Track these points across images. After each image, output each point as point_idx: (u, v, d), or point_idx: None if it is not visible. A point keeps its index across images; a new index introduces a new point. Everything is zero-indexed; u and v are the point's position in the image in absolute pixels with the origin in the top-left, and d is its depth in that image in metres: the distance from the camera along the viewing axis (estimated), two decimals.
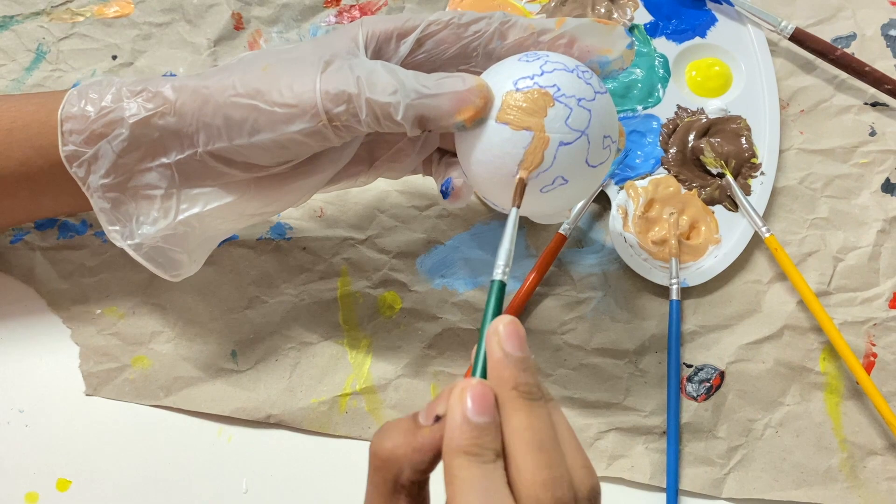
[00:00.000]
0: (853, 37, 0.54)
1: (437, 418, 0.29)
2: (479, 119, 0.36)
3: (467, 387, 0.29)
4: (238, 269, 0.48)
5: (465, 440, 0.28)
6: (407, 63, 0.38)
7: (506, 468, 0.28)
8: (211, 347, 0.47)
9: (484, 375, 0.30)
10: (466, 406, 0.28)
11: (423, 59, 0.38)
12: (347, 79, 0.36)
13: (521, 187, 0.35)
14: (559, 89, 0.35)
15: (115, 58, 0.52)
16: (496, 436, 0.28)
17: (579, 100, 0.35)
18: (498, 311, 0.31)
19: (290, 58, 0.37)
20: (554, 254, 0.48)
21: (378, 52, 0.38)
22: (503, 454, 0.28)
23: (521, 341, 0.29)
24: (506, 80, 0.36)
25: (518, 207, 0.35)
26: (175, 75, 0.52)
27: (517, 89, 0.35)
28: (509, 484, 0.28)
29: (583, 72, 0.36)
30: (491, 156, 0.36)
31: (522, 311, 0.47)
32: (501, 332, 0.29)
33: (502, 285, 0.32)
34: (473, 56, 0.38)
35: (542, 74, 0.35)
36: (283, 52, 0.39)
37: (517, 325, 0.30)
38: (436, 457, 0.29)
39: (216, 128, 0.38)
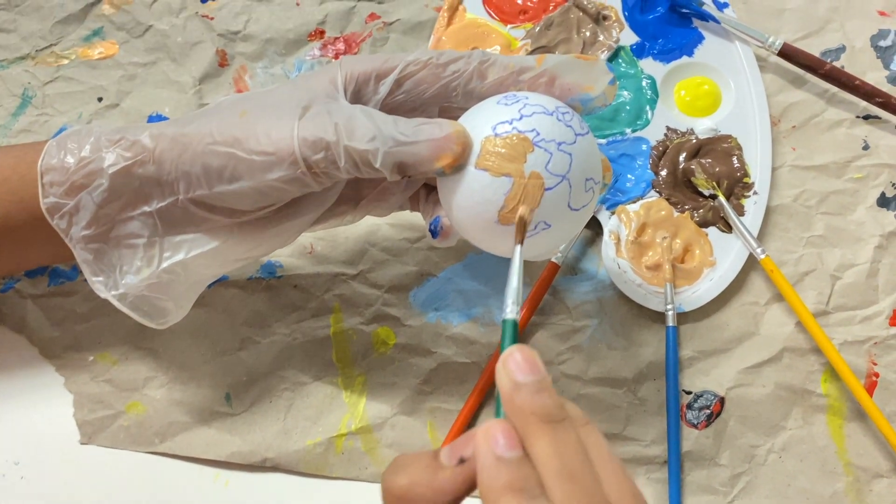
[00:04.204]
0: (842, 49, 0.54)
1: (462, 460, 0.28)
2: (457, 165, 0.35)
3: (491, 425, 0.27)
4: (229, 310, 0.48)
5: (507, 477, 0.26)
6: (387, 104, 0.38)
7: None
8: (204, 391, 0.46)
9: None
10: (496, 443, 0.27)
11: (403, 100, 0.38)
12: (325, 125, 0.35)
13: (522, 224, 0.34)
14: (538, 133, 0.35)
15: (100, 100, 0.52)
16: (533, 469, 0.27)
17: (559, 144, 0.35)
18: None
19: (268, 103, 0.37)
20: (548, 283, 0.48)
21: (357, 93, 0.38)
22: None
23: (530, 365, 0.28)
24: (484, 124, 0.35)
25: (521, 244, 0.34)
26: (161, 116, 0.52)
27: (496, 134, 0.35)
28: None
29: (563, 113, 0.36)
30: (472, 202, 0.35)
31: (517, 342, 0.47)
32: (508, 363, 0.28)
33: (514, 324, 0.31)
34: (454, 96, 0.38)
35: (520, 119, 0.35)
36: (261, 95, 0.38)
37: (524, 351, 0.28)
38: (455, 500, 0.28)
39: (195, 175, 0.37)
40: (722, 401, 0.46)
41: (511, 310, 0.31)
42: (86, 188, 0.38)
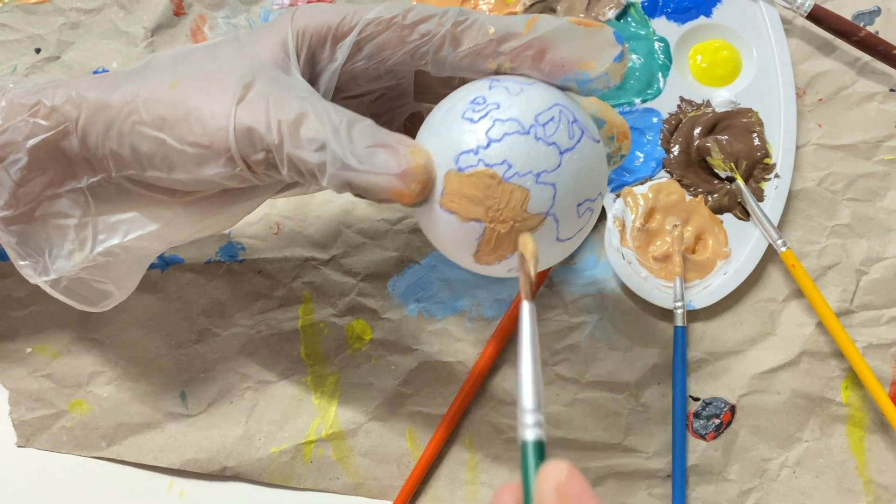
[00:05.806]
0: (877, 12, 0.48)
1: None
2: (418, 202, 0.30)
3: None
4: (185, 298, 0.43)
5: None
6: (346, 71, 0.32)
7: None
8: (157, 388, 0.42)
9: None
10: None
11: (364, 66, 0.32)
12: (268, 120, 0.30)
13: (529, 282, 0.27)
14: (510, 167, 0.28)
15: (38, 51, 0.47)
16: None
17: (538, 175, 0.29)
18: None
19: (205, 72, 0.31)
20: (543, 273, 0.43)
21: (311, 59, 0.32)
22: None
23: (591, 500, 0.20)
24: (447, 150, 0.29)
25: (533, 302, 0.26)
26: (105, 70, 0.46)
27: (459, 169, 0.29)
28: None
29: (544, 124, 0.29)
30: (444, 240, 0.31)
31: (507, 341, 0.42)
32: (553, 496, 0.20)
33: (539, 447, 0.21)
34: (423, 63, 0.32)
35: (488, 146, 0.29)
36: (200, 56, 0.32)
37: (577, 477, 0.20)
38: None
39: (125, 157, 0.32)
40: (733, 409, 0.42)
41: (533, 421, 0.21)
42: (1, 162, 0.33)
